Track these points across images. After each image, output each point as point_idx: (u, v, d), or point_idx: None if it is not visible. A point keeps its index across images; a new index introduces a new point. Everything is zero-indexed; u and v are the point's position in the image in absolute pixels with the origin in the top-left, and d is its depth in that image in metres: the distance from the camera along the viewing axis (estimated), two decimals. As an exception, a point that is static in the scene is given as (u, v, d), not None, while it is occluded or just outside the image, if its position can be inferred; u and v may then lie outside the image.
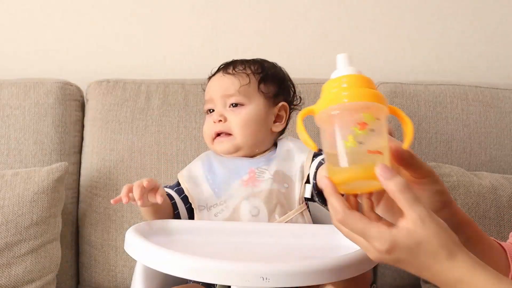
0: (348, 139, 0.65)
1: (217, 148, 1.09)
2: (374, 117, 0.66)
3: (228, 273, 0.73)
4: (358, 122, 0.65)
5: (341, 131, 0.66)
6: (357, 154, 0.65)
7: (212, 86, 1.11)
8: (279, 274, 0.73)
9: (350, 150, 0.65)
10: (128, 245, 0.84)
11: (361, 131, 0.65)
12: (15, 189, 1.25)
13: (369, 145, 0.65)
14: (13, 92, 1.41)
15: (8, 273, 1.20)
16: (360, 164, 0.65)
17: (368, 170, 0.65)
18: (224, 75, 1.10)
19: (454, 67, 1.69)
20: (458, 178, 1.31)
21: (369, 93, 0.67)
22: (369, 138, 0.65)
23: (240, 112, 1.07)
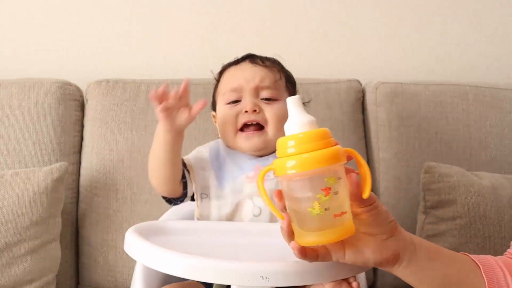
0: (314, 206, 0.65)
1: (243, 143, 1.02)
2: (336, 178, 0.65)
3: (228, 273, 0.73)
4: (322, 188, 0.64)
5: (306, 198, 0.66)
6: (324, 221, 0.65)
7: (241, 75, 1.04)
8: (278, 273, 0.73)
9: (317, 217, 0.65)
10: (128, 245, 0.83)
11: (326, 197, 0.64)
12: (15, 189, 1.25)
13: (334, 209, 0.65)
14: (13, 92, 1.41)
15: (8, 273, 1.20)
16: (328, 230, 0.66)
17: (336, 233, 0.66)
18: (255, 66, 1.05)
19: (454, 67, 1.69)
20: (458, 178, 1.31)
21: (329, 155, 0.65)
22: (334, 202, 0.65)
23: (275, 106, 1.02)
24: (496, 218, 1.28)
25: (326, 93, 1.47)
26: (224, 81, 1.08)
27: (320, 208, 0.65)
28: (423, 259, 0.76)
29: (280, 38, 1.66)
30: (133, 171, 1.39)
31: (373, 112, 1.48)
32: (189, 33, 1.64)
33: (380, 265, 0.74)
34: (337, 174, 0.65)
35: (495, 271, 0.79)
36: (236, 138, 1.03)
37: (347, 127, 1.45)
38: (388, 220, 0.72)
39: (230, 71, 1.08)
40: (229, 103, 1.04)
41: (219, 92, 1.09)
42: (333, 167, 0.65)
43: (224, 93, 1.05)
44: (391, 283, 1.39)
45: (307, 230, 0.67)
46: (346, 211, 0.67)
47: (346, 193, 0.67)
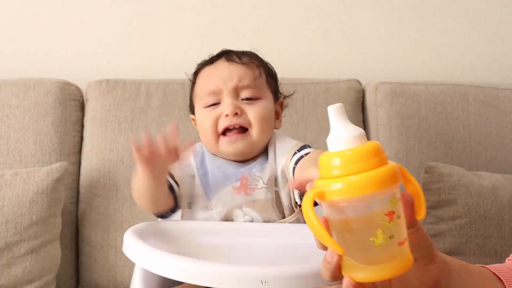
0: (377, 235, 0.54)
1: (226, 148, 0.96)
2: (398, 200, 0.55)
3: (226, 277, 0.72)
4: (386, 213, 0.54)
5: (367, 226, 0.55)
6: (388, 251, 0.55)
7: (217, 75, 0.97)
8: (278, 277, 0.72)
9: (380, 247, 0.54)
10: (126, 247, 0.83)
11: (391, 223, 0.54)
12: (15, 189, 1.25)
13: (398, 238, 0.55)
14: (13, 92, 1.41)
15: (8, 273, 1.19)
16: (391, 263, 0.55)
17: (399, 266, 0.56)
18: (232, 64, 0.98)
19: (454, 67, 1.69)
20: (458, 178, 1.31)
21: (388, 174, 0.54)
22: (397, 228, 0.55)
23: (257, 105, 0.96)
24: (496, 218, 1.28)
25: (326, 93, 1.47)
26: (200, 82, 1.01)
27: (384, 237, 0.54)
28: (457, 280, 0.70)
29: (280, 38, 1.66)
30: (133, 171, 1.38)
31: (373, 112, 1.48)
32: (189, 33, 1.64)
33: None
34: (398, 195, 0.55)
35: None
36: (218, 143, 0.97)
37: (347, 127, 1.45)
38: (428, 242, 0.64)
39: (205, 72, 1.01)
40: (208, 107, 0.97)
41: (196, 95, 1.02)
42: (394, 188, 0.55)
43: (202, 96, 0.98)
44: (391, 283, 1.39)
45: (364, 263, 0.56)
46: (407, 238, 0.56)
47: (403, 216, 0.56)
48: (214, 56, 1.04)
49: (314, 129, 1.43)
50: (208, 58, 1.06)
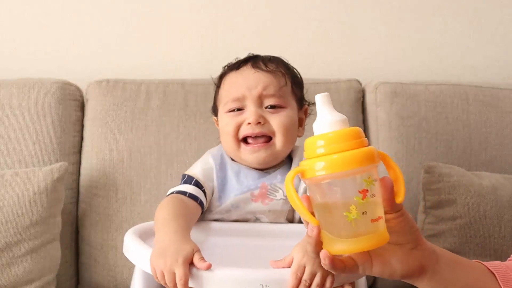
0: (350, 210, 0.60)
1: (248, 157, 0.95)
2: (373, 180, 0.61)
3: (226, 280, 0.72)
4: (359, 190, 0.60)
5: (341, 202, 0.61)
6: (361, 225, 0.61)
7: (242, 82, 0.96)
8: (278, 281, 0.72)
9: (353, 222, 0.60)
10: (126, 248, 0.83)
11: (364, 200, 0.60)
12: (15, 189, 1.24)
13: (371, 214, 0.61)
14: (13, 92, 1.41)
15: (8, 273, 1.19)
16: (364, 237, 0.61)
17: (372, 241, 0.61)
18: (258, 71, 0.97)
19: (454, 67, 1.69)
20: (458, 178, 1.31)
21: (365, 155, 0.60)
22: (371, 206, 0.61)
23: (281, 115, 0.95)
24: (496, 218, 1.28)
25: (326, 93, 1.47)
26: (225, 88, 1.00)
27: (357, 212, 0.60)
28: (445, 269, 0.73)
29: (280, 38, 1.66)
30: (133, 171, 1.39)
31: (373, 112, 1.48)
32: (189, 33, 1.64)
33: (407, 276, 0.71)
34: (373, 176, 0.61)
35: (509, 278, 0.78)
36: (240, 150, 0.97)
37: (347, 127, 1.45)
38: (414, 228, 0.69)
39: (231, 77, 1.00)
40: (231, 111, 0.97)
41: (220, 100, 1.01)
42: (369, 167, 0.61)
43: (226, 102, 0.98)
44: (391, 283, 1.39)
45: (340, 237, 0.62)
46: (382, 216, 0.62)
47: (380, 196, 0.63)
48: (240, 61, 1.02)
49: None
50: (234, 62, 1.04)
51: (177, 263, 0.74)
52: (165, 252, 0.76)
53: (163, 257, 0.75)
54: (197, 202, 0.93)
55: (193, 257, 0.75)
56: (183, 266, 0.73)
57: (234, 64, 1.02)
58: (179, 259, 0.74)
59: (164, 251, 0.76)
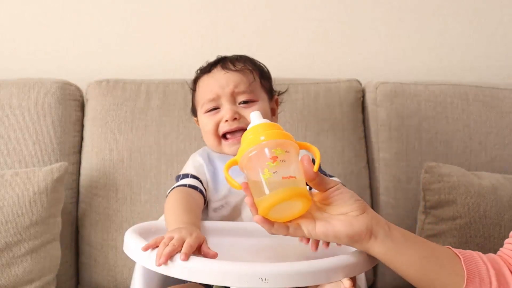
0: (264, 172, 0.76)
1: (229, 150, 1.04)
2: (284, 150, 0.78)
3: (226, 274, 0.73)
4: (270, 157, 0.77)
5: (259, 167, 0.77)
6: (274, 182, 0.76)
7: (215, 83, 1.05)
8: (278, 274, 0.73)
9: (267, 180, 0.76)
10: (127, 246, 0.83)
11: (274, 163, 0.76)
12: (15, 189, 1.25)
13: (282, 173, 0.76)
14: (13, 92, 1.41)
15: (8, 273, 1.20)
16: (279, 189, 0.76)
17: (287, 192, 0.76)
18: (228, 72, 1.06)
19: (454, 67, 1.69)
20: (458, 178, 1.31)
21: (278, 133, 0.80)
22: (281, 168, 0.77)
23: (254, 108, 1.03)
24: (496, 218, 1.28)
25: (326, 93, 1.47)
26: (200, 90, 1.09)
27: (269, 172, 0.76)
28: (399, 238, 0.79)
29: (280, 38, 1.66)
30: (133, 171, 1.39)
31: (373, 112, 1.48)
32: (189, 33, 1.64)
33: (353, 239, 0.78)
34: (285, 148, 0.78)
35: (477, 263, 0.80)
36: (221, 145, 1.06)
37: (347, 127, 1.45)
38: (354, 199, 0.79)
39: (204, 81, 1.09)
40: (208, 111, 1.06)
41: (198, 102, 1.10)
42: (279, 142, 0.78)
43: (203, 103, 1.07)
44: (391, 283, 1.39)
45: (263, 196, 0.76)
46: (295, 177, 0.77)
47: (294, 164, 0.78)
48: (210, 64, 1.11)
49: (314, 129, 1.43)
50: (205, 65, 1.13)
51: (190, 236, 0.80)
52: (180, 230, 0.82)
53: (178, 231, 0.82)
54: (197, 191, 1.00)
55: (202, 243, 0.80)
56: (195, 239, 0.79)
57: (205, 68, 1.11)
58: (193, 234, 0.81)
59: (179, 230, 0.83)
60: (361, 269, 0.81)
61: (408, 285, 0.92)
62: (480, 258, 0.81)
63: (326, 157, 1.41)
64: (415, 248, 0.79)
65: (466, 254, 0.81)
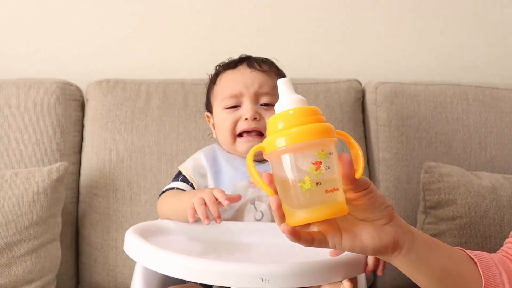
0: (304, 181, 0.63)
1: (243, 146, 1.02)
2: (327, 153, 0.65)
3: (227, 274, 0.73)
4: (313, 162, 0.64)
5: (297, 173, 0.64)
6: (315, 196, 0.64)
7: (240, 80, 1.03)
8: (278, 275, 0.73)
9: (308, 192, 0.64)
10: (127, 246, 0.83)
11: (317, 171, 0.63)
12: (15, 189, 1.25)
13: (326, 185, 0.64)
14: (13, 92, 1.41)
15: (8, 273, 1.20)
16: (320, 206, 0.64)
17: (328, 210, 0.64)
18: (254, 71, 1.04)
19: (454, 67, 1.69)
20: (458, 178, 1.31)
21: (319, 129, 0.65)
22: (326, 177, 0.64)
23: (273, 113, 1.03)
24: (496, 218, 1.28)
25: (326, 93, 1.47)
26: (222, 84, 1.06)
27: (311, 183, 0.63)
28: (422, 248, 0.74)
29: (280, 38, 1.66)
30: (133, 171, 1.39)
31: (373, 112, 1.48)
32: (189, 33, 1.64)
33: (379, 252, 0.72)
34: (328, 149, 0.65)
35: (491, 268, 0.78)
36: (235, 143, 1.04)
37: (347, 127, 1.45)
38: (385, 205, 0.72)
39: (227, 75, 1.06)
40: (228, 108, 1.04)
41: (216, 96, 1.07)
42: (323, 141, 0.64)
43: (224, 98, 1.04)
44: (391, 283, 1.39)
45: (297, 207, 0.65)
46: (338, 189, 0.65)
47: (338, 171, 0.66)
48: (235, 60, 1.08)
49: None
50: (228, 61, 1.10)
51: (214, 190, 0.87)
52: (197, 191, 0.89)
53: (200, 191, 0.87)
54: None
55: None
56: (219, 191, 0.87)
57: (230, 63, 1.09)
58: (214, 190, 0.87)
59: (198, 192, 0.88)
60: (361, 270, 0.81)
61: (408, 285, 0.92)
62: (492, 261, 0.79)
63: (326, 157, 1.41)
64: (436, 258, 0.76)
65: (481, 258, 0.79)
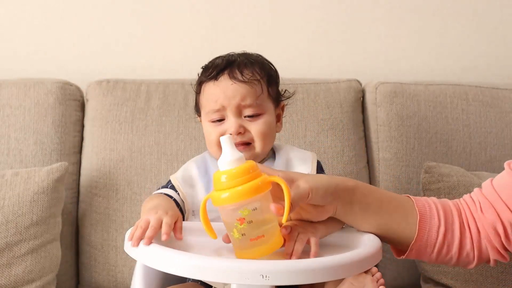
0: (233, 231, 0.78)
1: None
2: (251, 210, 0.77)
3: (228, 271, 0.73)
4: (237, 218, 0.77)
5: (228, 226, 0.79)
6: (243, 243, 0.79)
7: (221, 93, 1.00)
8: (278, 272, 0.73)
9: (237, 240, 0.79)
10: (128, 246, 0.83)
11: (242, 225, 0.77)
12: (15, 189, 1.25)
13: (250, 235, 0.78)
14: (13, 92, 1.41)
15: (8, 273, 1.20)
16: (248, 250, 0.79)
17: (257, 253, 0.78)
18: (235, 83, 1.00)
19: (454, 67, 1.69)
20: (458, 178, 1.31)
21: (244, 191, 0.77)
22: (249, 230, 0.77)
23: (258, 122, 1.01)
24: (496, 218, 1.28)
25: (326, 93, 1.48)
26: (205, 98, 1.04)
27: (238, 233, 0.78)
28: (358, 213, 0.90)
29: (280, 38, 1.66)
30: (133, 171, 1.39)
31: (373, 112, 1.48)
32: (189, 33, 1.64)
33: None
34: (251, 206, 0.77)
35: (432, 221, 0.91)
36: None
37: (347, 127, 1.45)
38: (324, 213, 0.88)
39: (210, 88, 1.03)
40: (213, 122, 1.03)
41: (202, 107, 1.06)
42: (244, 202, 0.77)
43: (207, 112, 1.03)
44: (391, 283, 1.39)
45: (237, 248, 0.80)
46: (264, 236, 0.78)
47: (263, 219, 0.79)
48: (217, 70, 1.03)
49: (314, 129, 1.43)
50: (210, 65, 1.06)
51: (166, 215, 0.85)
52: (156, 207, 0.88)
53: (154, 210, 0.86)
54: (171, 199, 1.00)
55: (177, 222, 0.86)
56: (171, 218, 0.84)
57: (211, 72, 1.04)
58: (169, 212, 0.86)
59: (155, 207, 0.88)
60: (362, 268, 0.81)
61: (408, 285, 0.92)
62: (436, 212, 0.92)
63: (326, 157, 1.41)
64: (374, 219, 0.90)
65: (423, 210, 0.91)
